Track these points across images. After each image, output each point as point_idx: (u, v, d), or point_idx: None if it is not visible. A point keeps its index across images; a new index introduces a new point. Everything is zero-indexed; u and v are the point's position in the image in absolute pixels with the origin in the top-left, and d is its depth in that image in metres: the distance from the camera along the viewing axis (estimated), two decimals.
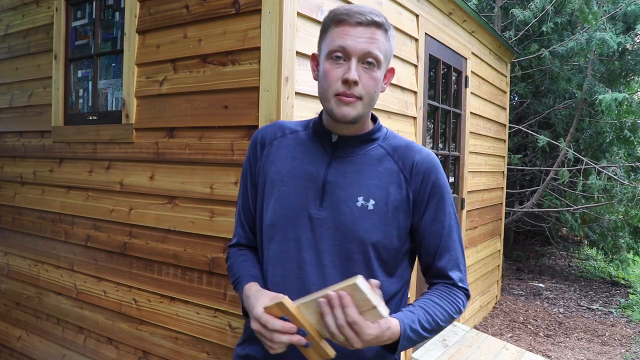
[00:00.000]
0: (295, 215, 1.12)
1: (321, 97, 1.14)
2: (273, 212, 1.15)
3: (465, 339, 3.87)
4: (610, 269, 7.11)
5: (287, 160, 1.18)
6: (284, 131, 1.24)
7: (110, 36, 2.53)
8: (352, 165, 1.15)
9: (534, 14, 6.21)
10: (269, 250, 1.17)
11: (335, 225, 1.10)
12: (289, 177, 1.16)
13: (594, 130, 6.80)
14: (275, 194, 1.16)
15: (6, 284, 3.12)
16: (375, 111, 2.73)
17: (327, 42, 1.11)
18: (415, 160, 1.18)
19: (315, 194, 1.13)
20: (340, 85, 1.08)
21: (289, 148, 1.20)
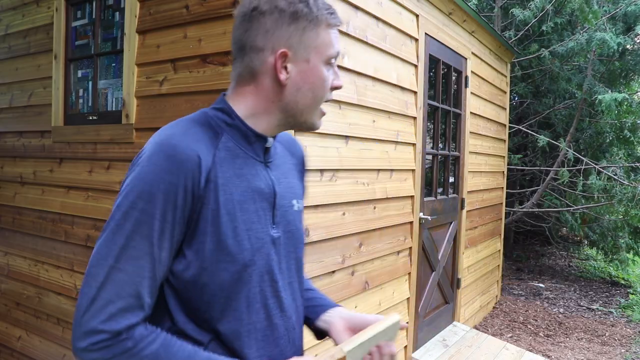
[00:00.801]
0: (263, 246, 0.92)
1: (307, 106, 0.94)
2: (244, 251, 0.89)
3: (465, 339, 3.87)
4: (610, 269, 7.11)
5: (233, 182, 0.90)
6: (212, 140, 0.91)
7: (110, 36, 2.53)
8: (278, 169, 1.01)
9: (533, 14, 6.21)
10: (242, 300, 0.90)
11: (287, 238, 0.99)
12: (243, 202, 0.90)
13: (594, 130, 6.80)
14: (238, 228, 0.89)
15: (6, 284, 3.12)
16: (375, 111, 2.74)
17: (323, 43, 0.93)
18: (302, 150, 1.14)
19: (269, 212, 0.95)
20: (329, 94, 0.97)
21: (228, 163, 0.91)
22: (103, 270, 0.81)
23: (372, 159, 2.71)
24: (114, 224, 0.83)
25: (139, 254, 0.81)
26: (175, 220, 0.84)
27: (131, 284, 0.80)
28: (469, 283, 4.40)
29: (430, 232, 3.55)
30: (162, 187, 0.82)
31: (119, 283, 0.80)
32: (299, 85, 0.93)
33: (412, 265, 3.22)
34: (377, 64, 2.70)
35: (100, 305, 0.79)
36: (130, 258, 0.81)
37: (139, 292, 0.81)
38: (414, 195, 3.19)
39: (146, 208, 0.82)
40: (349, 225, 2.52)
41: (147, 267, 0.82)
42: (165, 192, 0.83)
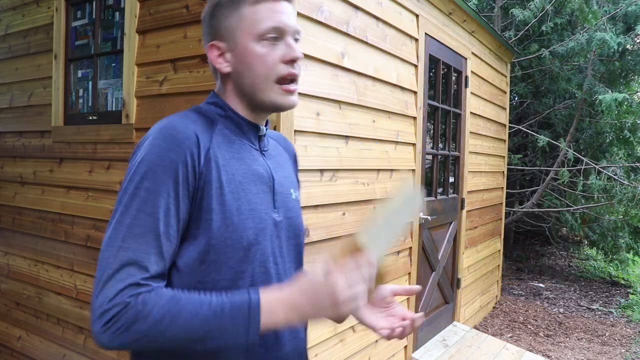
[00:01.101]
0: (267, 227, 0.96)
1: (253, 86, 0.96)
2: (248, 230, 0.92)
3: (465, 339, 3.87)
4: (610, 269, 7.11)
5: (233, 163, 0.94)
6: (209, 124, 0.96)
7: (110, 36, 2.53)
8: (273, 158, 1.06)
9: (533, 14, 6.21)
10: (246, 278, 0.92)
11: (288, 224, 1.02)
12: (245, 183, 0.94)
13: (594, 130, 6.80)
14: (242, 207, 0.92)
15: (6, 284, 3.12)
16: (375, 111, 2.74)
17: (250, 22, 0.94)
18: (293, 149, 1.19)
19: (269, 196, 0.99)
20: (283, 67, 0.94)
21: (226, 146, 0.96)
22: (111, 254, 0.82)
23: (372, 159, 2.71)
24: (122, 207, 0.85)
25: (143, 231, 0.83)
26: (179, 196, 0.86)
27: (133, 260, 0.82)
28: (469, 283, 4.39)
29: (430, 232, 3.55)
30: (164, 164, 0.86)
31: (124, 261, 0.82)
32: (238, 69, 0.96)
33: (412, 265, 3.22)
34: (377, 64, 2.70)
35: (109, 286, 0.80)
36: (136, 236, 0.83)
37: (147, 267, 0.82)
38: None
39: (150, 186, 0.85)
40: (349, 225, 2.52)
41: (153, 243, 0.84)
42: (167, 169, 0.86)
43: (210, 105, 1.01)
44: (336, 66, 2.35)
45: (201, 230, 0.88)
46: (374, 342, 2.83)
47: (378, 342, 2.87)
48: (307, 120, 2.16)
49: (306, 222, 2.17)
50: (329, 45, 2.29)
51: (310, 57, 2.16)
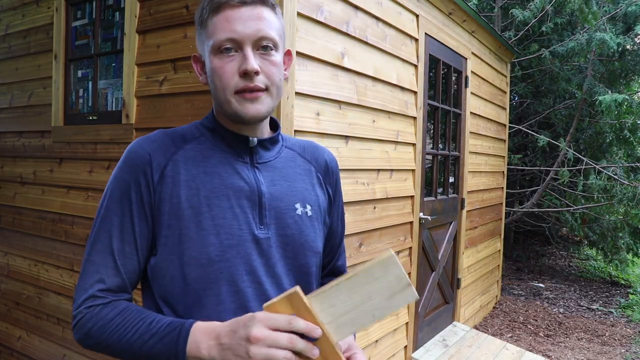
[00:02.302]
0: (239, 244, 0.90)
1: (218, 99, 0.94)
2: (209, 246, 0.88)
3: (465, 339, 3.87)
4: (610, 269, 7.11)
5: (200, 178, 0.92)
6: (175, 143, 0.95)
7: (110, 36, 2.53)
8: (275, 171, 0.99)
9: (533, 14, 6.21)
10: (211, 297, 0.89)
11: (284, 241, 0.95)
12: (213, 197, 0.91)
13: (593, 130, 6.80)
14: (204, 222, 0.89)
15: (6, 284, 3.12)
16: (375, 111, 2.74)
17: (209, 34, 0.92)
18: (326, 159, 1.10)
19: (252, 211, 0.93)
20: (238, 80, 0.90)
21: (195, 162, 0.93)
22: (83, 265, 0.93)
23: (372, 159, 2.71)
24: (94, 223, 0.95)
25: (102, 246, 0.91)
26: (134, 214, 0.91)
27: (95, 273, 0.90)
28: (469, 283, 4.40)
29: (430, 232, 3.55)
30: (119, 184, 0.92)
31: (89, 273, 0.91)
32: (209, 82, 0.97)
33: (412, 265, 3.22)
34: (377, 64, 2.70)
35: (78, 295, 0.91)
36: (98, 251, 0.91)
37: (103, 279, 0.90)
38: (414, 195, 3.19)
39: (109, 205, 0.93)
40: (349, 225, 2.52)
41: (109, 258, 0.91)
42: (121, 189, 0.92)
43: (204, 120, 1.03)
44: (336, 66, 2.35)
45: (159, 246, 0.91)
46: (374, 342, 2.83)
47: (378, 342, 2.87)
48: (307, 120, 2.16)
49: None
50: (329, 45, 2.29)
51: (310, 57, 2.16)
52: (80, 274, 0.93)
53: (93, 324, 0.87)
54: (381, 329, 2.89)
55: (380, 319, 0.81)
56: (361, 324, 0.76)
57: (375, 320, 0.76)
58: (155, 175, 0.91)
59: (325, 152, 1.12)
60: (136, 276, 0.93)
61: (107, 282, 0.90)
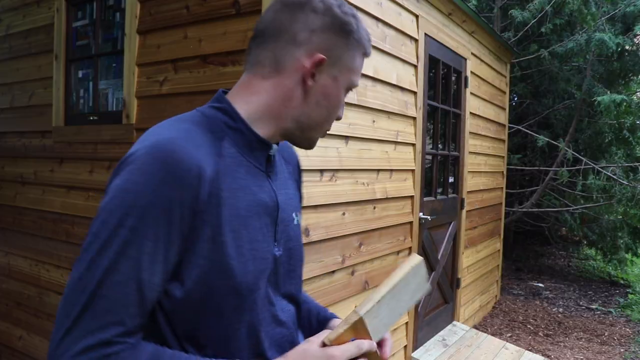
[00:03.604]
0: (267, 267, 0.83)
1: (318, 123, 0.86)
2: (248, 274, 0.79)
3: (465, 339, 3.88)
4: (609, 268, 7.12)
5: (237, 194, 0.78)
6: (216, 147, 0.79)
7: (111, 36, 2.54)
8: (278, 179, 0.90)
9: (533, 15, 6.22)
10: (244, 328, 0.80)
11: (288, 256, 0.90)
12: (248, 217, 0.79)
13: (593, 130, 6.81)
14: (243, 248, 0.78)
15: (7, 284, 3.13)
16: (374, 111, 2.74)
17: (352, 67, 0.85)
18: (297, 156, 1.03)
19: (272, 228, 0.85)
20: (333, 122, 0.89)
21: (232, 174, 0.79)
22: (83, 296, 0.68)
23: (372, 159, 2.72)
24: (100, 243, 0.69)
25: (124, 278, 0.69)
26: (171, 240, 0.71)
27: (112, 313, 0.68)
28: (468, 283, 4.40)
29: (430, 232, 3.56)
30: (158, 202, 0.70)
31: (100, 312, 0.68)
32: (319, 99, 0.84)
33: None
34: (377, 64, 2.71)
35: (75, 336, 0.67)
36: (115, 284, 0.68)
37: (123, 321, 0.69)
38: (413, 195, 3.20)
39: (135, 226, 0.69)
40: (349, 225, 2.52)
41: (135, 294, 0.70)
42: (159, 208, 0.70)
43: (216, 112, 0.83)
44: None
45: (192, 274, 0.74)
46: None
47: None
48: None
49: (306, 222, 2.18)
50: None
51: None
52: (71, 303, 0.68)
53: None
54: None
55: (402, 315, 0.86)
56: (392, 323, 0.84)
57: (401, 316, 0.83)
58: (205, 194, 0.73)
59: (293, 150, 1.03)
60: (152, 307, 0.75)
61: (128, 324, 0.69)
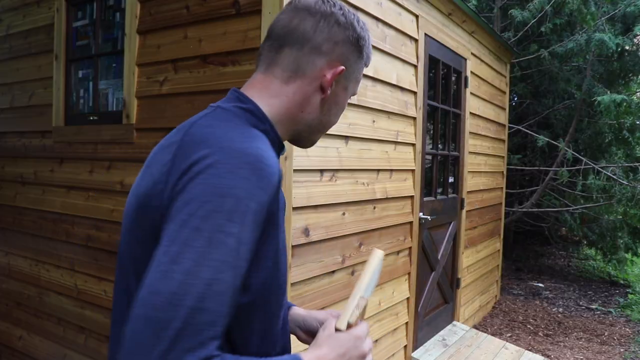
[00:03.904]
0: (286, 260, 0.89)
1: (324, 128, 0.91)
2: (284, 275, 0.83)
3: (465, 339, 3.88)
4: (609, 268, 7.12)
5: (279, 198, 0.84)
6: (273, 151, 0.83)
7: (111, 37, 2.54)
8: None
9: (532, 15, 6.22)
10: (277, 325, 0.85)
11: None
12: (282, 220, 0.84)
13: (592, 130, 6.81)
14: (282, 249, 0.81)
15: (7, 284, 3.13)
16: (375, 111, 2.74)
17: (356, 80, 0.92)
18: None
19: None
20: None
21: None
22: (182, 311, 0.62)
23: (372, 159, 2.72)
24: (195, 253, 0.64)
25: (224, 288, 0.66)
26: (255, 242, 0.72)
27: (213, 326, 0.65)
28: (468, 283, 4.40)
29: (430, 232, 3.56)
30: (254, 207, 0.69)
31: (202, 326, 0.63)
32: (331, 107, 0.89)
33: (411, 265, 3.23)
34: (377, 64, 2.71)
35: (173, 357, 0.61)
36: (216, 294, 0.64)
37: (219, 334, 0.66)
38: (413, 195, 3.20)
39: (238, 232, 0.67)
40: (349, 225, 2.52)
41: (229, 302, 0.67)
42: (256, 213, 0.69)
43: (244, 112, 0.82)
44: None
45: (257, 276, 0.74)
46: (374, 342, 2.84)
47: (378, 342, 2.88)
48: None
49: (306, 222, 2.18)
50: None
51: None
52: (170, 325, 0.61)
53: None
54: (381, 328, 2.90)
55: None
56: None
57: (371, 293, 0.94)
58: (278, 198, 0.75)
59: None
60: None
61: (221, 334, 0.66)
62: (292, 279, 2.10)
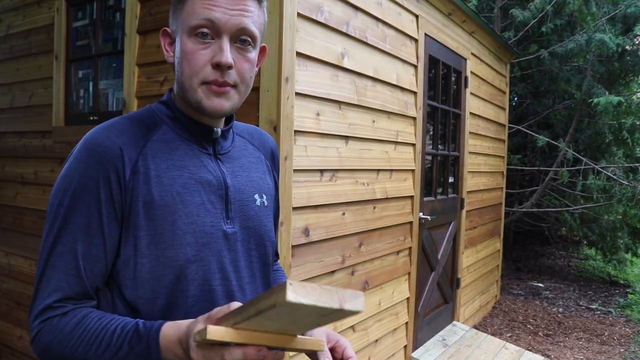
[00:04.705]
0: (213, 241, 0.88)
1: (182, 85, 0.88)
2: (186, 246, 0.84)
3: (465, 339, 3.88)
4: (609, 268, 7.12)
5: (171, 173, 0.86)
6: (143, 133, 0.88)
7: (111, 37, 2.54)
8: (234, 161, 0.96)
9: (533, 15, 6.22)
10: (186, 297, 0.86)
11: (247, 234, 0.94)
12: (186, 194, 0.86)
13: (593, 130, 6.82)
14: (179, 221, 0.84)
15: (7, 284, 3.13)
16: (375, 111, 2.75)
17: (187, 13, 0.87)
18: (271, 145, 1.09)
19: (220, 205, 0.90)
20: (209, 71, 0.85)
21: (163, 155, 0.87)
22: (38, 271, 0.83)
23: (372, 159, 2.72)
24: (48, 225, 0.84)
25: (63, 250, 0.82)
26: (103, 214, 0.82)
27: (55, 280, 0.81)
28: (468, 283, 4.41)
29: (430, 232, 3.56)
30: (84, 181, 0.82)
31: (48, 280, 0.82)
32: (176, 62, 0.89)
33: (411, 265, 3.23)
34: (377, 64, 2.71)
35: (34, 305, 0.82)
36: (57, 255, 0.82)
37: (63, 288, 0.81)
38: (413, 195, 3.20)
39: (71, 204, 0.82)
40: (349, 225, 2.53)
41: (72, 264, 0.81)
42: (86, 187, 0.82)
43: (160, 105, 0.94)
44: (336, 66, 2.36)
45: (130, 248, 0.83)
46: (374, 342, 2.84)
47: (378, 342, 2.88)
48: (307, 120, 2.17)
49: (306, 222, 2.18)
50: (329, 45, 2.30)
51: (310, 58, 2.17)
52: (37, 280, 0.83)
53: (52, 338, 0.80)
54: (381, 328, 2.90)
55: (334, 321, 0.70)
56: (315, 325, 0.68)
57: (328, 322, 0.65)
58: (127, 171, 0.83)
59: (269, 137, 1.10)
60: (101, 280, 0.85)
61: (67, 290, 0.81)
62: (292, 279, 2.10)
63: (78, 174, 0.83)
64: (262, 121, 1.96)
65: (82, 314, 0.81)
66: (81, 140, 0.87)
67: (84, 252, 0.82)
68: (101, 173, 0.82)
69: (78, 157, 0.84)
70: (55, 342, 0.79)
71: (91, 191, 0.82)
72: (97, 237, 0.82)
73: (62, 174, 0.85)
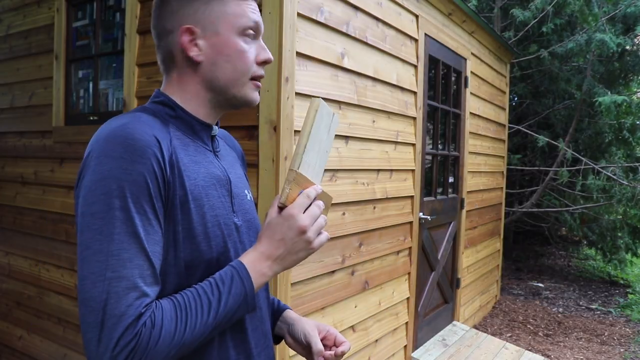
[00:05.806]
0: (231, 234, 0.91)
1: (226, 81, 0.91)
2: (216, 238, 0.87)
3: (465, 339, 3.88)
4: (609, 268, 7.12)
5: (193, 167, 0.88)
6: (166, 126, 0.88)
7: (111, 37, 2.54)
8: (225, 158, 1.00)
9: (533, 15, 6.22)
10: None
11: (248, 227, 0.98)
12: (208, 187, 0.89)
13: (593, 130, 6.82)
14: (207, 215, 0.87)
15: (7, 284, 3.13)
16: (375, 111, 2.75)
17: (234, 14, 0.90)
18: (239, 148, 1.13)
19: (228, 199, 0.93)
20: (257, 67, 0.93)
21: (183, 150, 0.88)
22: (103, 289, 0.73)
23: (372, 159, 2.73)
24: (95, 234, 0.76)
25: (132, 254, 0.75)
26: (156, 210, 0.79)
27: (133, 289, 0.74)
28: (468, 283, 4.41)
29: (430, 232, 3.56)
30: (132, 178, 0.76)
31: (124, 290, 0.73)
32: (215, 59, 0.90)
33: (411, 265, 3.23)
34: (377, 64, 2.71)
35: (112, 327, 0.72)
36: (126, 261, 0.74)
37: (146, 293, 0.75)
38: (413, 195, 3.20)
39: (123, 205, 0.75)
40: (349, 225, 2.53)
41: (146, 264, 0.76)
42: (136, 183, 0.76)
43: (157, 105, 0.92)
44: (336, 66, 2.36)
45: (169, 244, 0.82)
46: (374, 342, 2.84)
47: (378, 342, 2.88)
48: None
49: None
50: (329, 45, 2.30)
51: (310, 58, 2.17)
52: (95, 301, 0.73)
53: (155, 341, 0.74)
54: (381, 328, 2.90)
55: (329, 152, 0.96)
56: (324, 161, 0.94)
57: (328, 152, 0.94)
58: (167, 164, 0.81)
59: (235, 140, 1.14)
60: None
61: (151, 294, 0.76)
62: (292, 279, 2.10)
63: (123, 171, 0.76)
64: (262, 121, 1.96)
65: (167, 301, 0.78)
66: (103, 138, 0.79)
67: (152, 252, 0.77)
68: (147, 167, 0.78)
69: (114, 154, 0.76)
70: (163, 335, 0.74)
71: (142, 187, 0.77)
72: (157, 234, 0.79)
73: (98, 177, 0.76)
